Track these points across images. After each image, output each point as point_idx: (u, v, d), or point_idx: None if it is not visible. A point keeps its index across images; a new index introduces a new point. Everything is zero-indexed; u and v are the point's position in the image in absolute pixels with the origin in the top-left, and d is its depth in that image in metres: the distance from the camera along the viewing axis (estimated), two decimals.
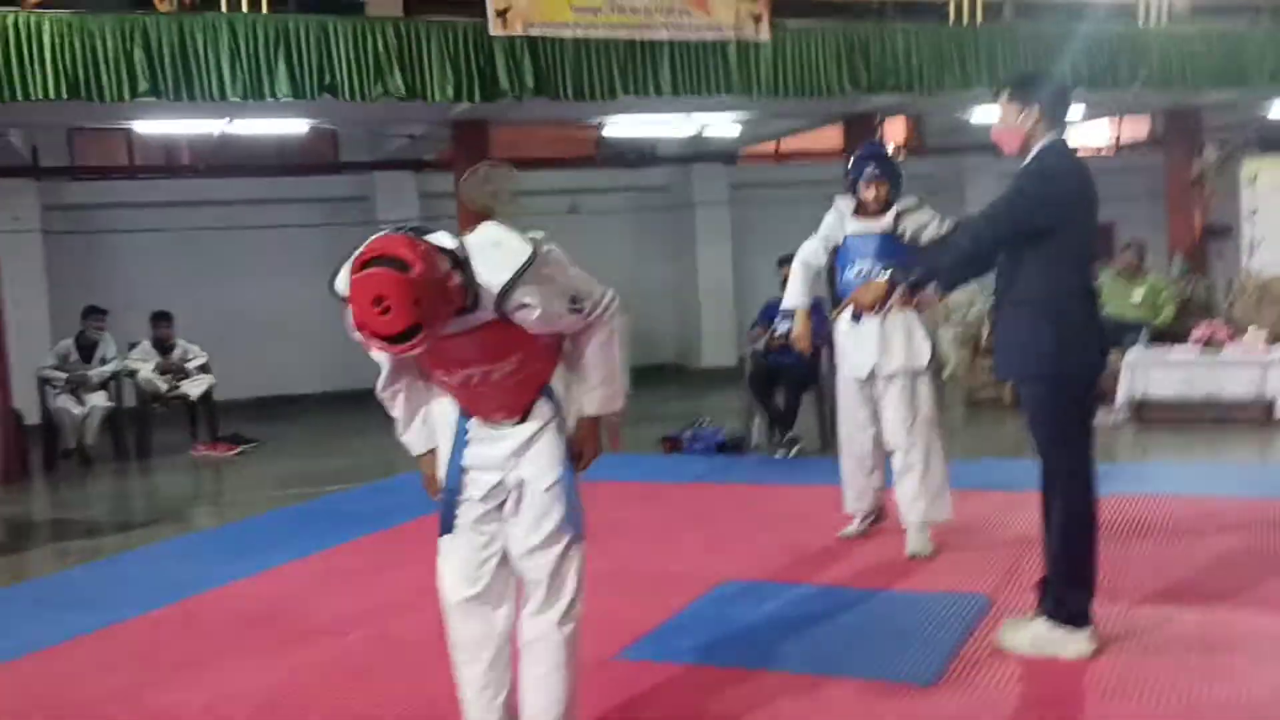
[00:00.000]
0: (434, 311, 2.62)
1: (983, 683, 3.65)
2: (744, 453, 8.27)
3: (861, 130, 11.04)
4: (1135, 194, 13.05)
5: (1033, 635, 3.84)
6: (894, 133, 15.49)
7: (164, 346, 10.01)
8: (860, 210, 5.34)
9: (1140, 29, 10.26)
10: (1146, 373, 8.79)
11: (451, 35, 8.33)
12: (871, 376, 5.25)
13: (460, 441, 3.05)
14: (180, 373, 9.94)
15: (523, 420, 2.99)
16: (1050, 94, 3.80)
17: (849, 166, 5.44)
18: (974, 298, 10.42)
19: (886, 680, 3.70)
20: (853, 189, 5.35)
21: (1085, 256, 3.85)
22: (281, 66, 7.82)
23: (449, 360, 2.89)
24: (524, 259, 2.75)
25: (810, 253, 5.44)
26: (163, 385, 9.80)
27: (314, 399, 13.05)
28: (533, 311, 2.79)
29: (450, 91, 8.31)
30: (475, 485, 3.04)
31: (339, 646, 4.40)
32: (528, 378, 2.98)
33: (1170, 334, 10.04)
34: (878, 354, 5.18)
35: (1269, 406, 8.42)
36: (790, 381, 8.08)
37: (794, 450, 8.01)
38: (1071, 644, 3.76)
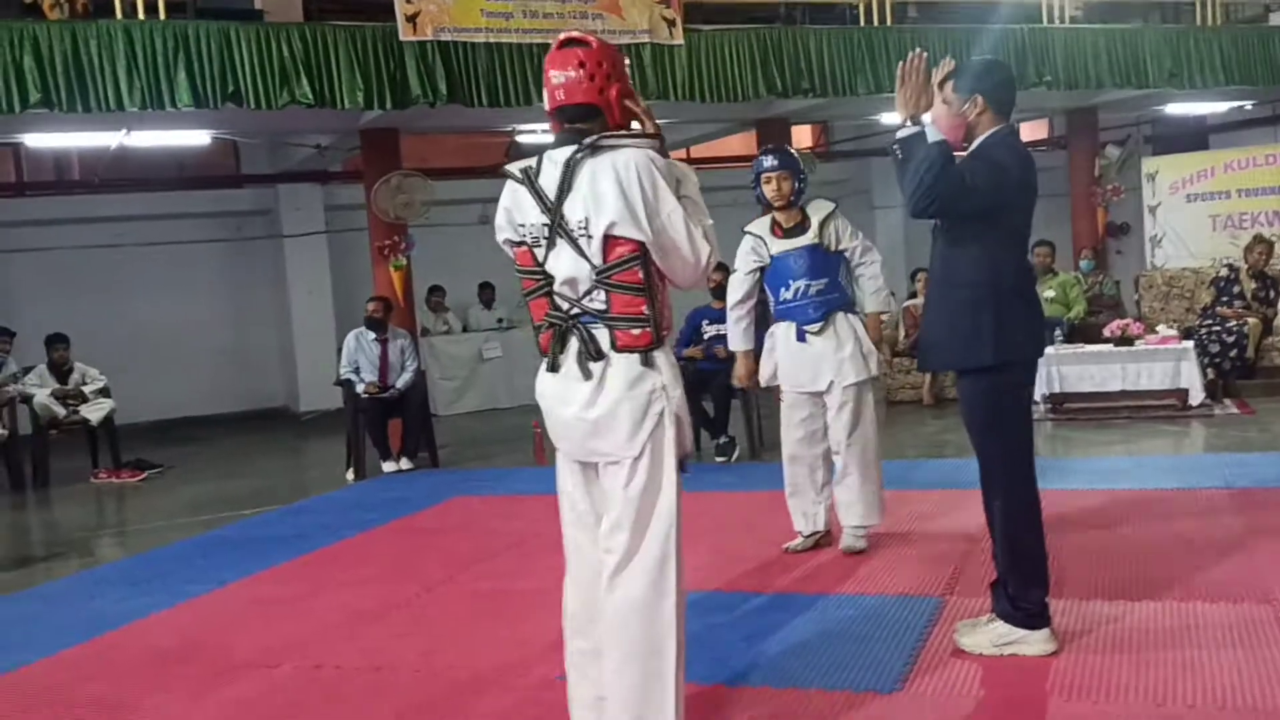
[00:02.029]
0: None
1: (945, 687, 3.57)
2: None
3: (774, 135, 11.02)
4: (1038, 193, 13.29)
5: (992, 637, 3.77)
6: (802, 138, 15.57)
7: (60, 370, 9.58)
8: (777, 229, 5.21)
9: (1044, 28, 10.41)
10: (1063, 367, 8.90)
11: (360, 40, 8.06)
12: (821, 390, 5.18)
13: None
14: (79, 397, 9.53)
15: None
16: (993, 83, 3.68)
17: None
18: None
19: (848, 691, 3.59)
20: (755, 188, 5.20)
21: (1024, 244, 3.80)
22: (182, 75, 7.48)
23: None
24: None
25: (741, 294, 5.30)
26: (60, 410, 9.38)
27: (218, 420, 12.64)
28: None
29: (360, 98, 8.04)
30: None
31: (268, 681, 4.14)
32: None
33: (1082, 330, 10.22)
34: (832, 368, 5.11)
35: (1184, 396, 8.60)
36: (718, 388, 8.02)
37: (733, 455, 7.99)
38: (1033, 643, 3.70)
